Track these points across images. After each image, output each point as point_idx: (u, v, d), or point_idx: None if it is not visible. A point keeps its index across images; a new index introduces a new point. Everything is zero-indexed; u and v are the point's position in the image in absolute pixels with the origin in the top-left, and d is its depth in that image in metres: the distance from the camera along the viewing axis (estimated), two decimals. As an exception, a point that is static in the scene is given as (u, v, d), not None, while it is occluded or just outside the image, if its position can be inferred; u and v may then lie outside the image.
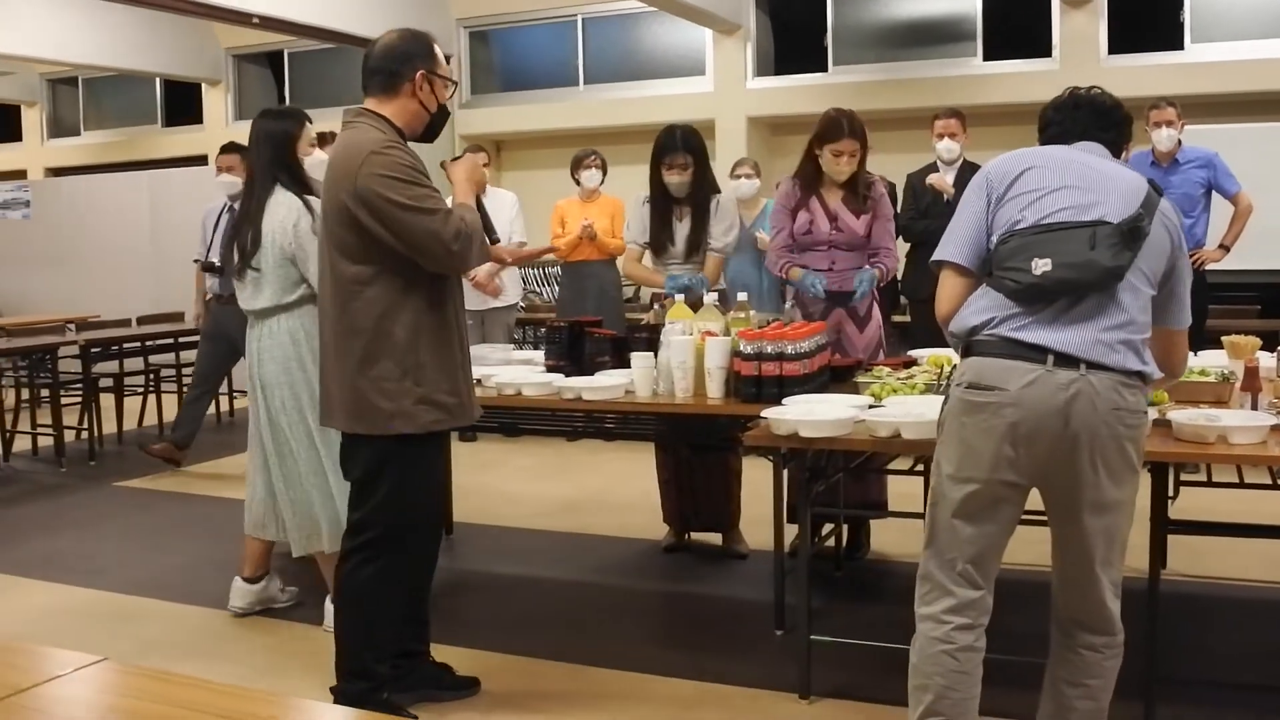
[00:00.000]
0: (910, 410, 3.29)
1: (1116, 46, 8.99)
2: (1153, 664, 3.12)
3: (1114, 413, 2.49)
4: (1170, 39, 8.93)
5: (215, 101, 12.18)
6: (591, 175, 7.17)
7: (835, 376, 3.97)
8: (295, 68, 12.11)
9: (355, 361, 3.13)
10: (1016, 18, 9.39)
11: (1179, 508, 3.83)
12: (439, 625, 3.63)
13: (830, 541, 4.57)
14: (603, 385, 3.96)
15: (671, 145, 4.73)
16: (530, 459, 6.96)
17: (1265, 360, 3.56)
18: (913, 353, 4.43)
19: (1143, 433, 2.59)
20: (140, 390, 8.31)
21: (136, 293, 9.70)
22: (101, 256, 10.47)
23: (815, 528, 4.01)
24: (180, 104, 12.69)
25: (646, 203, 4.89)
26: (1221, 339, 3.97)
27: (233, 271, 4.09)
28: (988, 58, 9.47)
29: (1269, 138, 7.88)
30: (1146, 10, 9.07)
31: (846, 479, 4.23)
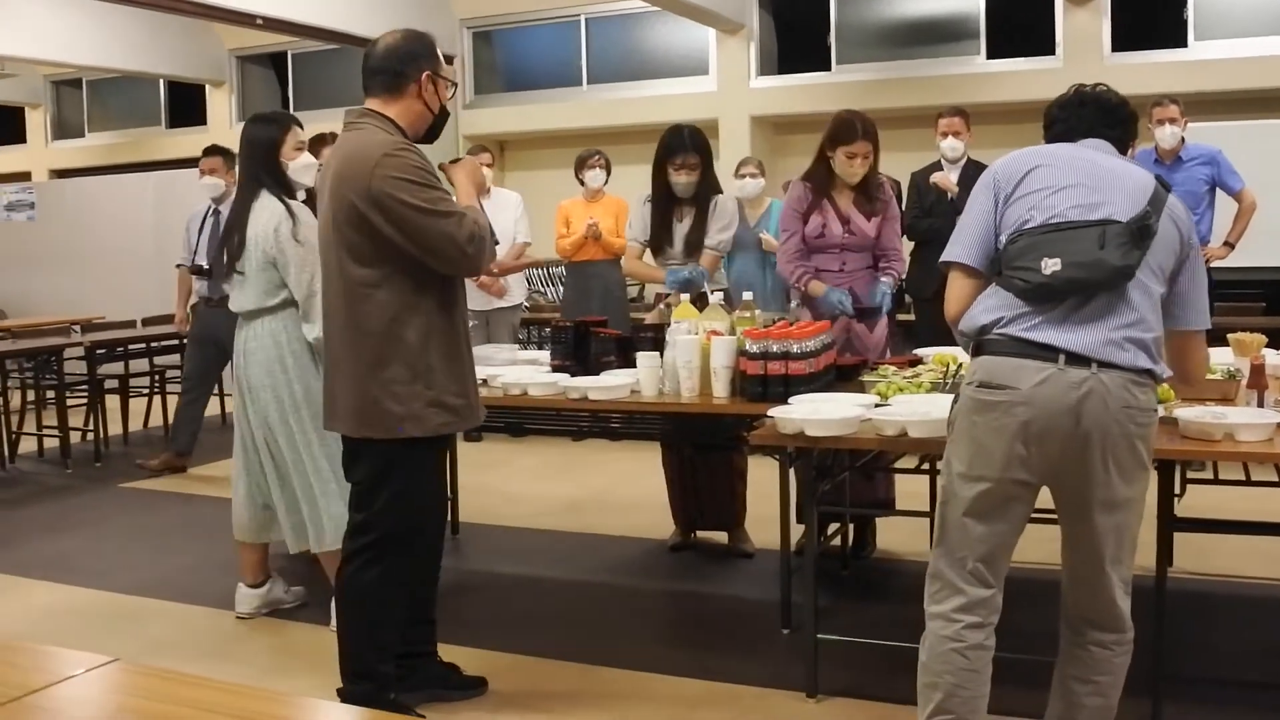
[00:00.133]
0: (917, 409, 3.28)
1: (1120, 44, 9.00)
2: (1160, 662, 3.12)
3: (1125, 411, 2.49)
4: (1174, 36, 8.93)
5: (219, 103, 12.21)
6: (596, 175, 7.18)
7: (841, 375, 3.96)
8: (299, 69, 12.14)
9: (365, 365, 3.10)
10: (1020, 16, 9.41)
11: (1185, 505, 3.83)
12: (445, 625, 3.63)
13: (836, 540, 4.58)
14: (608, 385, 3.96)
15: (681, 146, 4.71)
16: (535, 459, 6.96)
17: (1271, 357, 3.55)
18: (918, 351, 4.43)
19: (1153, 431, 2.59)
20: (145, 391, 8.33)
21: (141, 294, 9.69)
22: (106, 258, 10.48)
23: (821, 526, 4.01)
24: (184, 105, 12.73)
25: (648, 202, 4.89)
26: (1227, 336, 3.96)
27: (221, 274, 4.13)
28: (991, 56, 9.49)
29: (1273, 134, 7.89)
30: (1150, 8, 9.07)
31: (853, 478, 4.23)
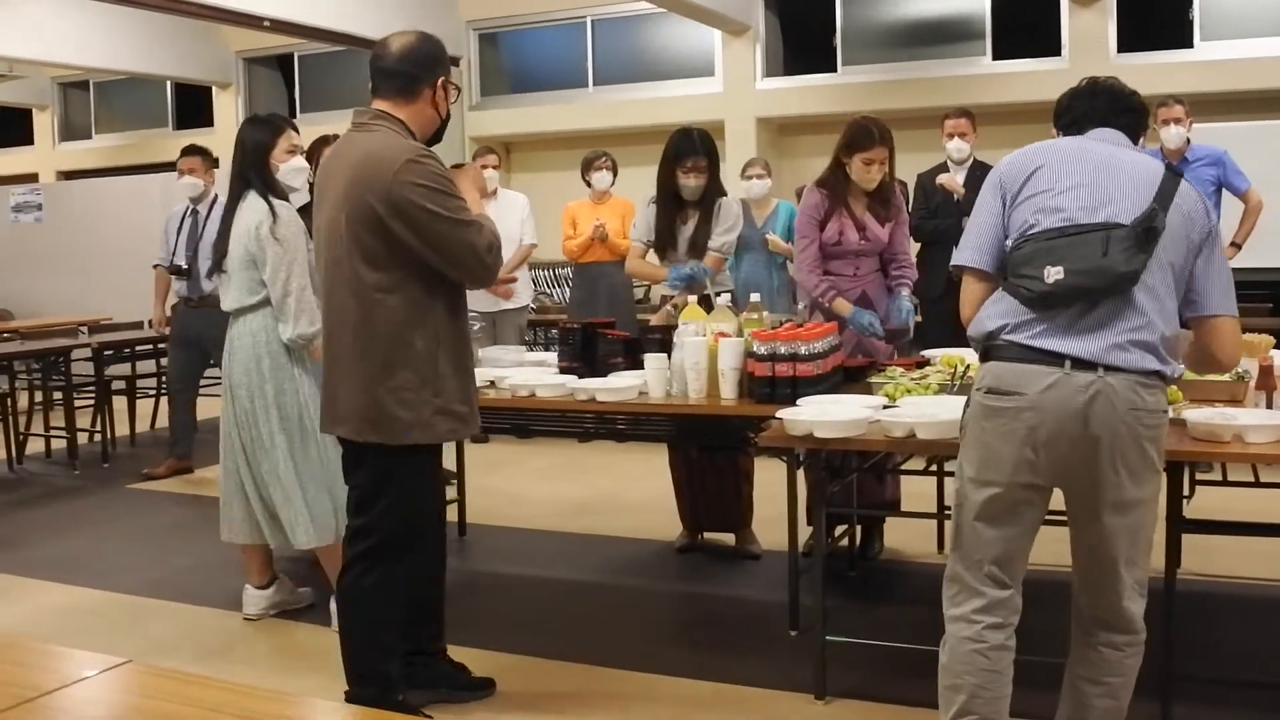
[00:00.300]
0: (925, 410, 3.28)
1: (1126, 45, 8.99)
2: (1169, 662, 3.12)
3: (1133, 413, 2.49)
4: (1179, 37, 8.92)
5: (226, 104, 12.23)
6: (602, 177, 7.18)
7: (848, 377, 3.97)
8: (305, 70, 12.15)
9: (373, 369, 3.08)
10: (1026, 17, 9.40)
11: (1193, 507, 3.82)
12: (452, 626, 3.63)
13: (843, 541, 4.58)
14: (616, 387, 3.96)
15: (690, 149, 4.71)
16: (542, 460, 6.97)
17: (1279, 359, 3.55)
18: (925, 353, 4.43)
19: (1163, 432, 2.58)
20: (152, 392, 8.34)
21: (148, 295, 9.69)
22: (113, 259, 10.48)
23: (829, 528, 4.02)
24: (191, 107, 12.74)
25: (653, 203, 4.89)
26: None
27: (199, 273, 4.17)
28: (997, 57, 9.48)
29: (1278, 135, 7.87)
30: (1156, 8, 9.07)
31: (863, 478, 4.23)
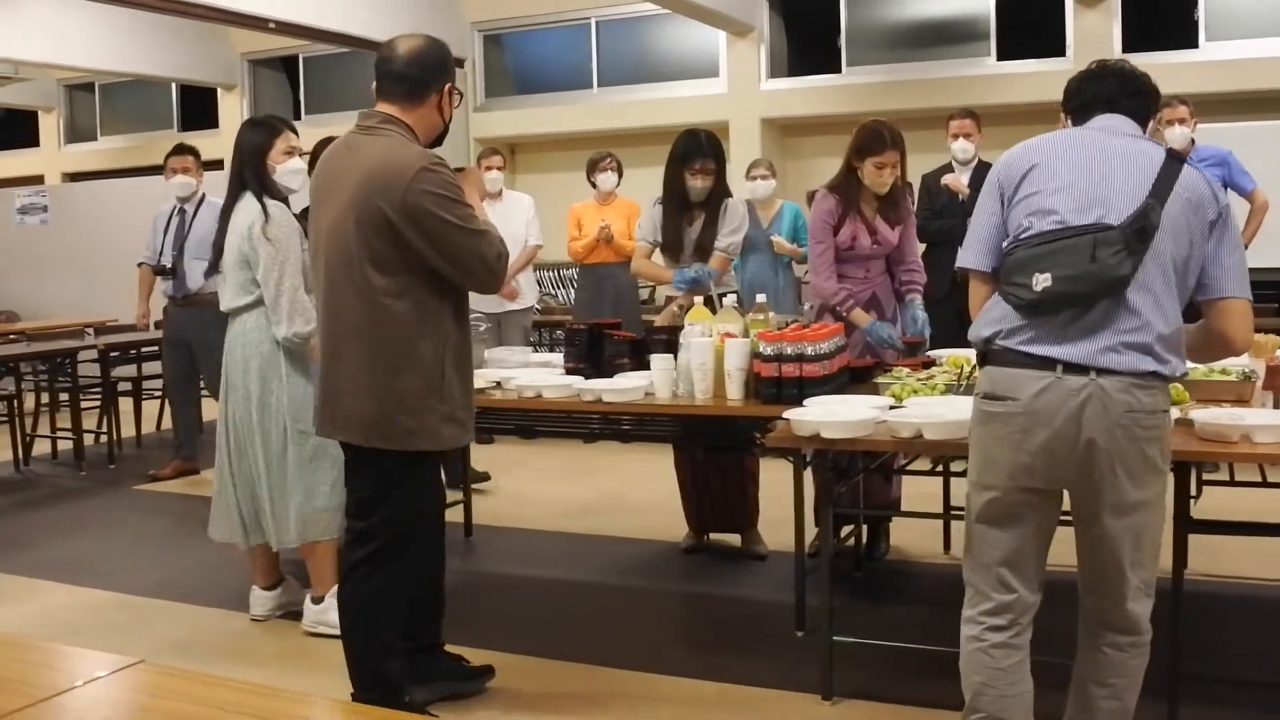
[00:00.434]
0: (931, 411, 3.28)
1: (1131, 45, 8.97)
2: (1176, 663, 3.12)
3: (1128, 415, 2.47)
4: (1184, 37, 8.92)
5: (231, 106, 12.24)
6: (607, 178, 7.19)
7: (854, 377, 3.97)
8: (310, 72, 12.17)
9: (379, 375, 3.07)
10: (1030, 17, 9.40)
11: (1200, 507, 3.82)
12: (458, 627, 3.64)
13: (849, 541, 4.58)
14: (623, 387, 3.97)
15: (698, 151, 4.71)
16: (547, 461, 6.97)
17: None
18: (931, 353, 4.43)
19: (1164, 433, 2.56)
20: (158, 394, 8.35)
21: (154, 296, 9.73)
22: (118, 261, 10.42)
23: (835, 528, 4.02)
24: (196, 109, 12.77)
25: (659, 203, 4.89)
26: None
27: (184, 273, 4.19)
28: (1001, 57, 9.48)
29: (1285, 135, 7.86)
30: (1161, 8, 9.06)
31: (870, 478, 4.23)
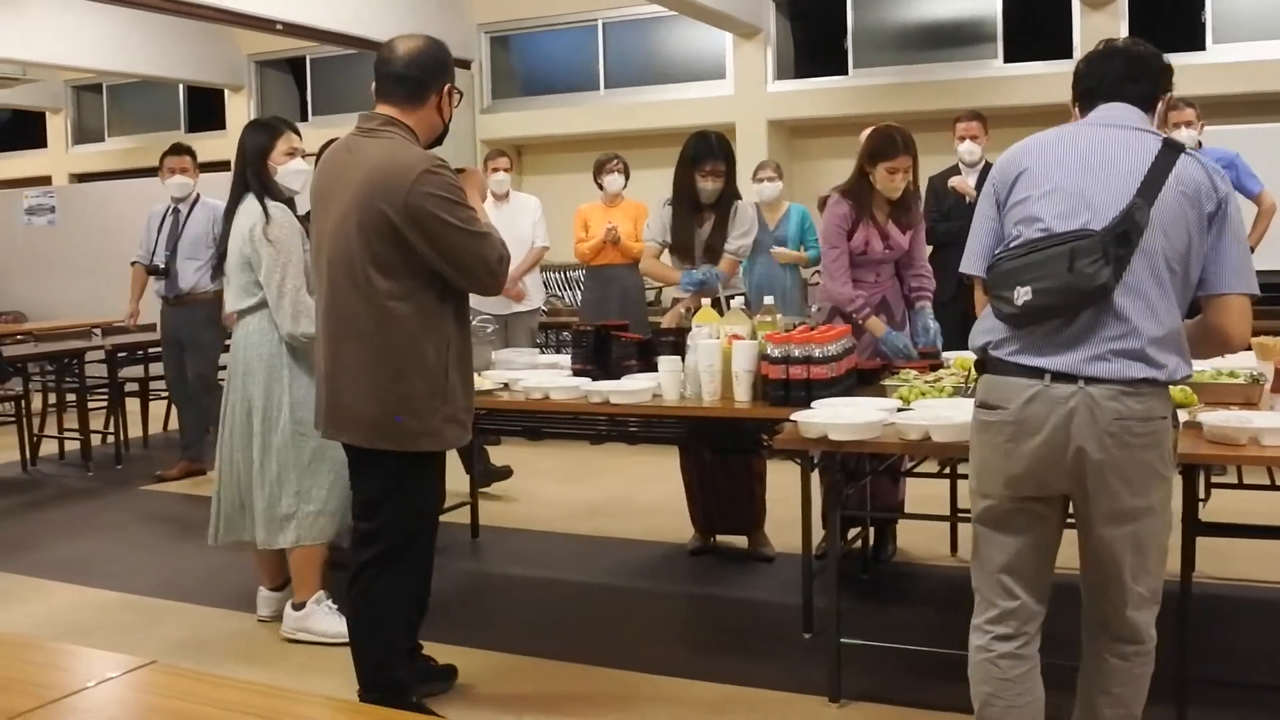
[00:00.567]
0: (939, 413, 3.28)
1: (1138, 47, 8.95)
2: (1184, 666, 3.11)
3: (1119, 423, 2.44)
4: (1191, 39, 8.91)
5: (238, 107, 12.27)
6: (614, 180, 7.19)
7: (862, 379, 3.98)
8: (317, 73, 12.19)
9: (384, 377, 3.08)
10: (1037, 19, 9.40)
11: (1208, 510, 3.82)
12: (465, 628, 3.65)
13: (856, 544, 4.58)
14: (631, 389, 3.97)
15: (709, 153, 4.71)
16: (554, 463, 6.98)
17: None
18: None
19: (1162, 438, 2.50)
20: (165, 394, 8.35)
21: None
22: (126, 261, 10.47)
23: (842, 530, 4.02)
24: (203, 110, 12.80)
25: (668, 204, 4.90)
26: (1250, 341, 3.94)
27: (175, 273, 4.19)
28: (1008, 59, 9.47)
29: (1292, 137, 7.85)
30: (1168, 10, 9.05)
31: (878, 480, 4.23)
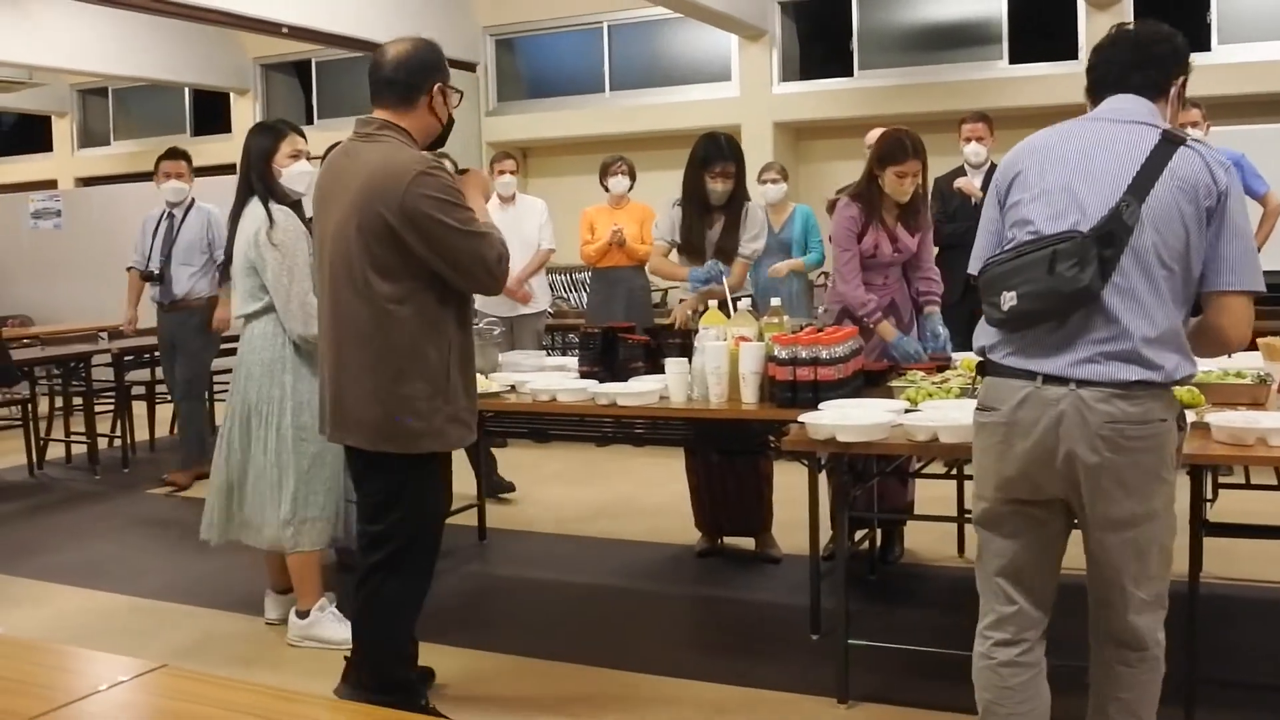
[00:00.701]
0: (947, 414, 3.27)
1: (1144, 48, 8.94)
2: (1193, 667, 3.11)
3: (1111, 426, 2.41)
4: (1197, 39, 8.89)
5: (243, 111, 12.28)
6: (619, 182, 7.19)
7: (869, 381, 3.97)
8: (322, 76, 12.20)
9: (386, 379, 3.09)
10: (1042, 20, 9.39)
11: (1216, 510, 3.81)
12: (472, 629, 3.65)
13: (863, 545, 4.58)
14: (638, 391, 3.97)
15: (720, 154, 4.72)
16: (560, 464, 6.98)
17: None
18: (944, 356, 4.43)
19: (1162, 440, 2.46)
20: (170, 398, 8.37)
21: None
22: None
23: (849, 531, 4.02)
24: (209, 113, 12.81)
25: (677, 204, 4.90)
26: (1257, 341, 3.93)
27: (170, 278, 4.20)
28: (1014, 60, 9.46)
29: (1299, 138, 7.83)
30: (1173, 11, 9.04)
31: (886, 481, 4.23)
